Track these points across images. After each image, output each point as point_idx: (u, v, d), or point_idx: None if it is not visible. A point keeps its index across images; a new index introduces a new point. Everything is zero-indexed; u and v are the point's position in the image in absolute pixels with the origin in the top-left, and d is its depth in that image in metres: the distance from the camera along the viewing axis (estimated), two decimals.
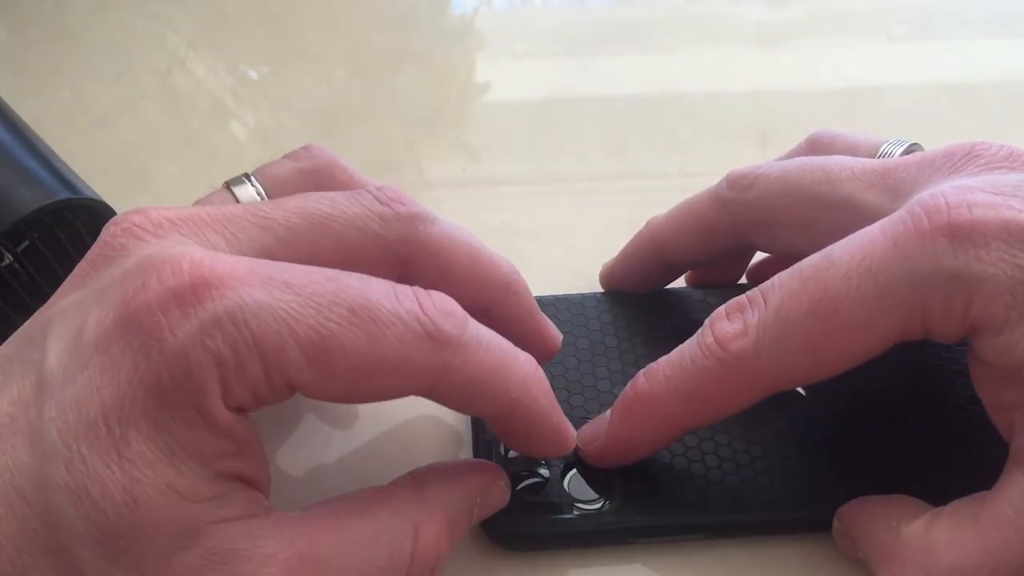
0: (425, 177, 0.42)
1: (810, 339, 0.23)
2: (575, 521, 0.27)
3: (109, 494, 0.20)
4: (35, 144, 0.33)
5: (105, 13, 0.50)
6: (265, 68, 0.48)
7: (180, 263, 0.21)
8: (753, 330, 0.24)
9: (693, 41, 0.50)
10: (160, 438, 0.20)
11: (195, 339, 0.20)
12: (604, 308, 0.33)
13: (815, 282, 0.23)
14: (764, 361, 0.24)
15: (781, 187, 0.28)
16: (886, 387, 0.30)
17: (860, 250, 0.23)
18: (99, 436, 0.20)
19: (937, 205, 0.23)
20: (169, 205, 0.24)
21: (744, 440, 0.28)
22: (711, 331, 0.25)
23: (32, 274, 0.33)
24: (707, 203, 0.30)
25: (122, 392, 0.20)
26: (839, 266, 0.23)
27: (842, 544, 0.27)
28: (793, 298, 0.23)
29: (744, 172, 0.29)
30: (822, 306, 0.23)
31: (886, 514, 0.25)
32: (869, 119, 0.44)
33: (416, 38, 0.50)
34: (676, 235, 0.31)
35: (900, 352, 0.31)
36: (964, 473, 0.25)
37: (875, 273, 0.23)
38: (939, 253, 0.22)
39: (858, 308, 0.23)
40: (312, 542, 0.22)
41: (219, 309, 0.20)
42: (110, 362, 0.21)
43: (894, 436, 0.28)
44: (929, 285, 0.22)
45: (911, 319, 0.23)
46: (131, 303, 0.21)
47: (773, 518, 0.27)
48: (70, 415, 0.20)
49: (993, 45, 0.49)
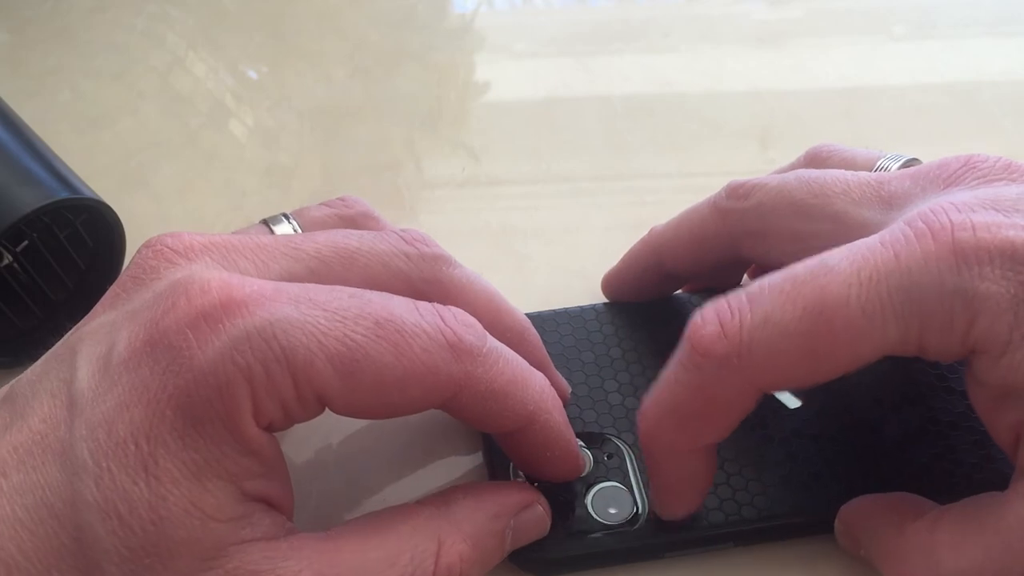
0: (425, 177, 0.42)
1: (803, 344, 0.22)
2: (601, 541, 0.26)
3: (136, 511, 0.20)
4: (35, 144, 0.33)
5: (105, 13, 0.50)
6: (265, 68, 0.48)
7: (209, 284, 0.22)
8: (735, 332, 0.23)
9: (693, 41, 0.50)
10: (188, 456, 0.21)
11: (224, 355, 0.21)
12: (606, 320, 0.32)
13: (812, 287, 0.23)
14: (753, 366, 0.23)
15: (776, 198, 0.28)
16: (895, 389, 0.30)
17: (860, 258, 0.23)
18: (128, 454, 0.20)
19: (942, 224, 0.22)
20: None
21: (763, 442, 0.28)
22: (688, 340, 0.23)
23: (32, 274, 0.33)
24: (706, 212, 0.30)
25: (151, 410, 0.21)
26: (838, 272, 0.22)
27: (845, 543, 0.27)
28: (787, 301, 0.23)
29: (743, 182, 0.29)
30: (818, 310, 0.22)
31: (889, 512, 0.25)
32: (869, 119, 0.44)
33: (416, 38, 0.50)
34: (675, 243, 0.31)
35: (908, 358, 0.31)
36: (972, 470, 0.25)
37: (876, 283, 0.22)
38: (943, 270, 0.22)
39: (858, 316, 0.22)
40: (332, 562, 0.22)
41: (248, 325, 0.21)
42: (139, 381, 0.21)
43: (910, 433, 0.29)
44: (930, 301, 0.22)
45: (908, 333, 0.22)
46: (160, 323, 0.21)
47: (800, 520, 0.27)
48: (100, 433, 0.21)
49: (993, 45, 0.49)
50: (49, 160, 0.33)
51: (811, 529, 0.27)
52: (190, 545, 0.21)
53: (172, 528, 0.20)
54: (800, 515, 0.27)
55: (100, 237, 0.33)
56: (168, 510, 0.20)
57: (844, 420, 0.29)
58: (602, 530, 0.27)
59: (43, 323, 0.33)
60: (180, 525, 0.20)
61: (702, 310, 0.24)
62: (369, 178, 0.41)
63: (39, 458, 0.21)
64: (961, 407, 0.29)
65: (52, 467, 0.21)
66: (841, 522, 0.27)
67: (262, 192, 0.41)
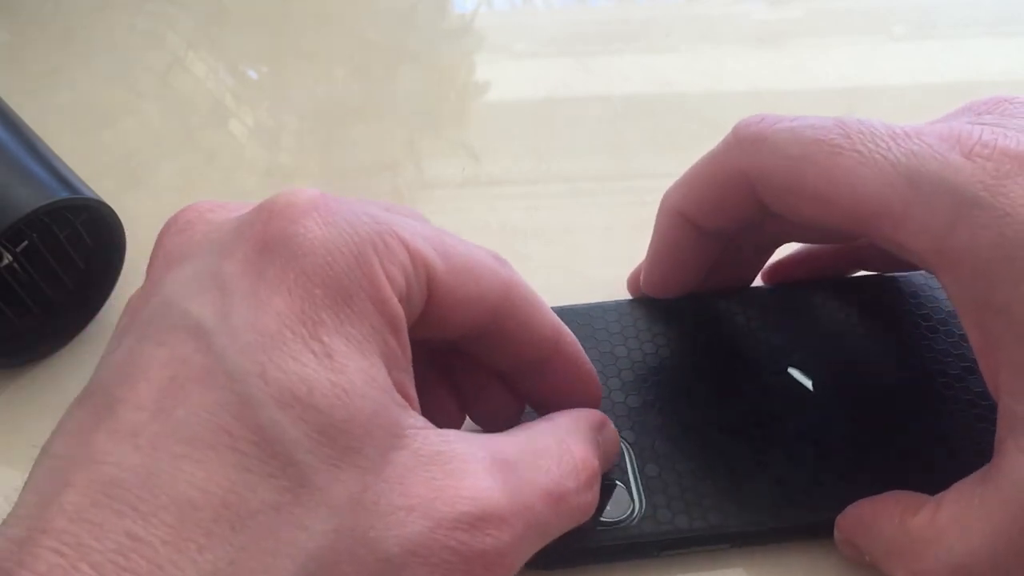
0: (425, 177, 0.42)
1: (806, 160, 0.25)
2: (598, 537, 0.27)
3: (317, 390, 0.19)
4: (35, 144, 0.33)
5: (105, 13, 0.50)
6: (265, 68, 0.48)
7: (293, 193, 0.22)
8: (768, 126, 0.26)
9: (693, 41, 0.50)
10: (347, 331, 0.20)
11: (345, 228, 0.21)
12: (611, 318, 0.32)
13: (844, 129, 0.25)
14: (760, 153, 0.26)
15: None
16: (895, 386, 0.30)
17: (892, 134, 0.25)
18: (286, 341, 0.20)
19: (969, 132, 0.24)
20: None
21: (761, 445, 0.28)
22: (734, 128, 0.27)
23: (32, 274, 0.33)
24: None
25: (295, 296, 0.20)
26: (873, 127, 0.25)
27: (847, 552, 0.27)
28: (818, 126, 0.25)
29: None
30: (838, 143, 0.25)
31: (886, 511, 0.25)
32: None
33: (416, 38, 0.50)
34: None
35: (903, 351, 0.31)
36: (973, 470, 0.25)
37: (899, 156, 0.24)
38: (960, 168, 0.23)
39: (858, 163, 0.24)
40: (499, 448, 0.23)
41: (349, 208, 0.22)
42: (271, 278, 0.20)
43: (905, 436, 0.29)
44: (933, 189, 0.23)
45: (893, 209, 0.24)
46: (267, 231, 0.21)
47: (797, 524, 0.27)
48: (246, 336, 0.20)
49: (993, 45, 0.49)
50: (49, 160, 0.32)
51: (808, 532, 0.27)
52: (378, 419, 0.20)
53: (359, 400, 0.20)
54: (797, 517, 0.27)
55: (100, 237, 0.33)
56: (350, 382, 0.20)
57: (847, 425, 0.29)
58: (599, 527, 0.27)
59: (43, 323, 0.33)
60: (366, 397, 0.20)
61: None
62: (369, 178, 0.41)
63: (180, 396, 0.19)
64: (962, 411, 0.29)
65: (199, 394, 0.19)
66: (840, 532, 0.26)
67: (262, 192, 0.40)
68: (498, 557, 0.21)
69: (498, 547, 0.21)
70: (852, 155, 0.24)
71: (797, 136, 0.26)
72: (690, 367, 0.31)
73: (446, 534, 0.20)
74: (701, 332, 0.32)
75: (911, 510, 0.24)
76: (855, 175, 0.24)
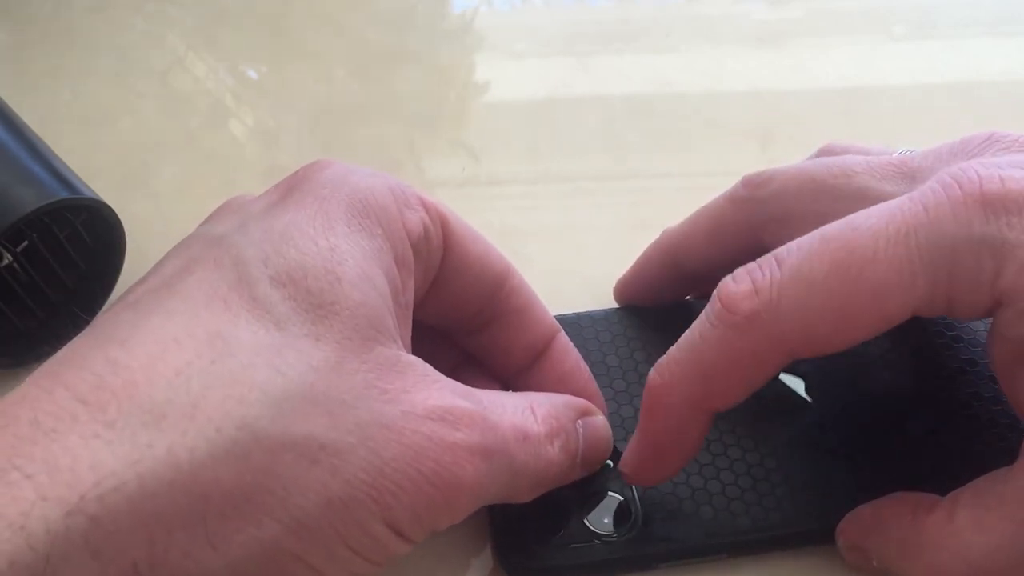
0: (425, 177, 0.42)
1: (831, 299, 0.22)
2: (595, 550, 0.26)
3: (312, 273, 0.22)
4: (35, 144, 0.33)
5: (105, 13, 0.50)
6: (265, 68, 0.48)
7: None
8: (766, 291, 0.23)
9: (693, 41, 0.50)
10: (355, 239, 0.22)
11: (368, 172, 0.24)
12: (603, 327, 0.32)
13: (840, 242, 0.22)
14: (780, 322, 0.23)
15: (797, 181, 0.28)
16: (890, 388, 0.30)
17: (889, 215, 0.23)
18: (294, 237, 0.22)
19: (968, 177, 0.23)
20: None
21: (757, 453, 0.28)
22: (718, 298, 0.23)
23: (32, 274, 0.33)
24: (722, 204, 0.30)
25: (311, 209, 0.23)
26: (865, 228, 0.22)
27: (851, 557, 0.26)
28: (815, 257, 0.23)
29: (760, 171, 0.29)
30: (847, 265, 0.22)
31: (895, 512, 0.25)
32: (869, 119, 0.44)
33: (416, 38, 0.50)
34: (691, 240, 0.31)
35: (901, 352, 0.31)
36: (975, 472, 0.25)
37: (905, 236, 0.22)
38: (972, 220, 0.22)
39: (885, 270, 0.22)
40: (471, 389, 0.24)
41: (372, 170, 0.25)
42: (289, 203, 0.23)
43: (902, 438, 0.28)
44: (960, 251, 0.22)
45: (937, 286, 0.22)
46: (293, 178, 0.25)
47: (795, 531, 0.27)
48: (257, 235, 0.22)
49: (993, 45, 0.49)
50: (49, 160, 0.32)
51: (807, 539, 0.27)
52: (366, 310, 0.22)
53: (349, 288, 0.21)
54: (796, 525, 0.27)
55: (100, 237, 0.33)
56: (346, 273, 0.22)
57: (842, 432, 0.29)
58: (596, 540, 0.26)
59: (43, 323, 0.33)
60: (357, 288, 0.22)
61: (732, 273, 0.24)
62: None
63: (183, 276, 0.22)
64: (958, 410, 0.29)
65: (203, 271, 0.22)
66: (844, 537, 0.26)
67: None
68: (468, 455, 0.22)
69: (469, 444, 0.22)
70: (875, 265, 0.22)
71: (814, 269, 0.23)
72: None
73: (418, 421, 0.21)
74: None
75: (923, 510, 0.24)
76: (884, 288, 0.22)
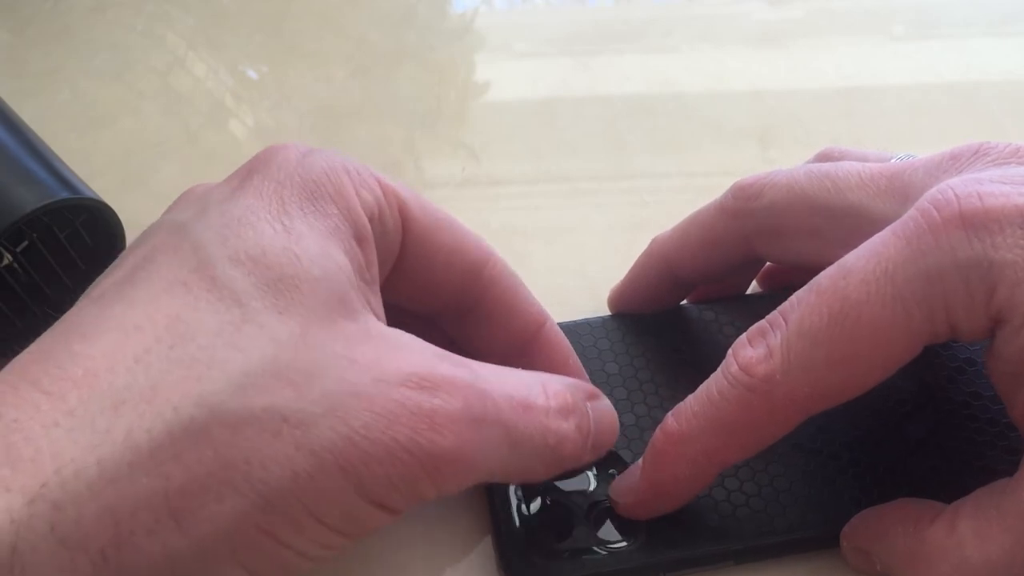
0: (425, 177, 0.42)
1: (835, 350, 0.23)
2: (601, 560, 0.26)
3: (271, 251, 0.22)
4: (35, 144, 0.33)
5: (105, 13, 0.50)
6: (265, 68, 0.48)
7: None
8: (777, 352, 0.23)
9: (693, 41, 0.50)
10: (310, 221, 0.22)
11: (322, 153, 0.24)
12: (601, 334, 0.31)
13: (832, 293, 0.23)
14: (793, 381, 0.23)
15: (789, 196, 0.28)
16: (890, 389, 0.30)
17: (875, 255, 0.23)
18: (251, 222, 0.22)
19: (946, 198, 0.22)
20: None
21: (762, 458, 0.28)
22: (735, 360, 0.24)
23: (31, 274, 0.33)
24: (713, 214, 0.30)
25: (266, 195, 0.23)
26: (855, 273, 0.23)
27: (855, 561, 0.26)
28: (813, 312, 0.23)
29: (751, 181, 0.29)
30: (843, 315, 0.22)
31: (899, 520, 0.25)
32: (869, 119, 0.44)
33: (416, 38, 0.50)
34: (683, 249, 0.31)
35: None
36: (976, 472, 0.25)
37: (892, 274, 0.22)
38: (955, 245, 0.22)
39: (880, 312, 0.22)
40: (463, 359, 0.23)
41: (330, 151, 0.24)
42: (247, 188, 0.23)
43: (903, 439, 0.28)
44: (948, 278, 0.22)
45: (935, 317, 0.22)
46: (252, 163, 0.25)
47: (801, 536, 0.27)
48: (215, 221, 0.22)
49: (993, 45, 0.49)
50: (49, 160, 0.32)
51: (812, 545, 0.27)
52: (328, 284, 0.21)
53: (309, 264, 0.21)
54: (801, 531, 0.27)
55: (100, 237, 0.33)
56: (304, 250, 0.22)
57: (845, 435, 0.29)
58: (602, 549, 0.26)
59: (43, 323, 0.33)
60: (316, 263, 0.22)
61: (747, 332, 0.24)
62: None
63: (144, 265, 0.22)
64: (955, 413, 0.29)
65: (164, 258, 0.22)
66: (849, 540, 0.26)
67: None
68: (448, 422, 0.21)
69: (449, 411, 0.21)
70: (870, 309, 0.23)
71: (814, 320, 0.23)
72: (683, 381, 0.30)
73: (390, 388, 0.21)
74: (693, 344, 0.31)
75: (926, 518, 0.24)
76: (882, 330, 0.23)
